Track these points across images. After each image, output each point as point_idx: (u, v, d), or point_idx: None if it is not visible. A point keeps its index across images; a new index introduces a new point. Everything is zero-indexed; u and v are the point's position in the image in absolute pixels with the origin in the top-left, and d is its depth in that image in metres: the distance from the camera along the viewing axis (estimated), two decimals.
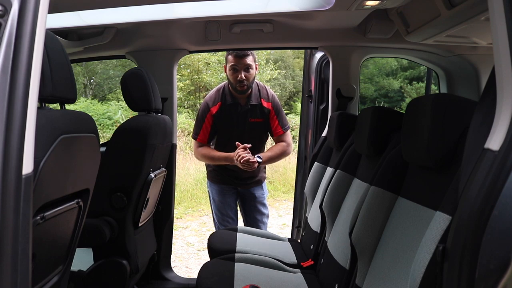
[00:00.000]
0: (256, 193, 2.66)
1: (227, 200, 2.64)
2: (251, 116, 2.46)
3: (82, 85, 11.19)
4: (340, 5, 1.83)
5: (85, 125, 1.17)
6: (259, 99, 2.49)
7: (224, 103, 2.45)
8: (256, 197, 2.66)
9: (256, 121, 2.46)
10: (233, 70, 2.36)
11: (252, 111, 2.46)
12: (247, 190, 2.65)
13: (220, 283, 1.62)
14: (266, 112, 2.49)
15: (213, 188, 2.67)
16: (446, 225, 0.85)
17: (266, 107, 2.49)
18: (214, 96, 2.49)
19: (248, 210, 2.72)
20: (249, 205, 2.70)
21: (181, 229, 4.90)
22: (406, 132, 1.15)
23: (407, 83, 10.53)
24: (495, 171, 0.63)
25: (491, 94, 0.71)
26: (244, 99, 2.44)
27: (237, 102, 2.44)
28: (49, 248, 1.11)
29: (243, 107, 2.44)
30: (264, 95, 2.51)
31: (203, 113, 2.49)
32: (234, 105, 2.43)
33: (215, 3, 1.98)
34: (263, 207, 2.71)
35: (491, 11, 0.69)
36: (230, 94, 2.45)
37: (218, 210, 2.67)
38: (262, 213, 2.71)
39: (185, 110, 9.82)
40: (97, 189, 1.34)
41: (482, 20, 1.48)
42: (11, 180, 0.61)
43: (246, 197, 2.68)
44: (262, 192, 2.69)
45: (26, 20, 0.64)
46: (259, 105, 2.48)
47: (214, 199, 2.67)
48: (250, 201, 2.68)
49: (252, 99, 2.46)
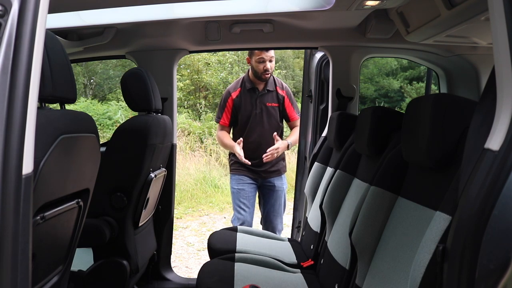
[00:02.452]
0: (276, 182, 2.79)
1: (244, 189, 2.75)
2: (268, 100, 2.74)
3: (82, 85, 11.18)
4: (340, 5, 1.83)
5: (85, 125, 1.17)
6: (275, 86, 2.77)
7: (244, 88, 2.72)
8: (275, 186, 2.80)
9: (272, 106, 2.74)
10: (260, 61, 2.64)
11: (269, 96, 2.75)
12: (267, 181, 2.78)
13: (220, 283, 1.62)
14: (281, 99, 2.78)
15: (233, 179, 2.80)
16: (446, 225, 0.85)
17: (281, 94, 2.79)
18: (235, 85, 2.78)
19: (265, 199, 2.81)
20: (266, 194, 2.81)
21: (181, 229, 4.90)
22: (406, 132, 1.15)
23: (407, 83, 10.53)
24: (495, 171, 0.63)
25: (491, 94, 0.71)
26: (262, 85, 2.72)
27: (255, 87, 2.71)
28: (49, 248, 1.11)
29: (260, 91, 2.72)
30: (279, 84, 2.81)
31: (225, 98, 2.75)
32: (252, 89, 2.72)
33: (215, 3, 1.98)
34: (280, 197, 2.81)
35: (491, 11, 0.69)
36: (249, 81, 2.73)
37: (235, 198, 2.77)
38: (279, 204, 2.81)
39: (185, 110, 9.81)
40: (97, 189, 1.33)
41: (482, 20, 1.47)
42: (11, 180, 0.61)
43: (264, 186, 2.80)
44: (282, 183, 2.82)
45: (26, 20, 0.64)
46: (275, 92, 2.77)
47: (233, 188, 2.78)
48: (267, 190, 2.80)
49: (268, 86, 2.74)
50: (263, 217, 2.83)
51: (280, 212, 2.81)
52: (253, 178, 2.76)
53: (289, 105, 2.81)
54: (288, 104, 2.80)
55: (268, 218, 2.78)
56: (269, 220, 2.78)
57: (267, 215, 2.79)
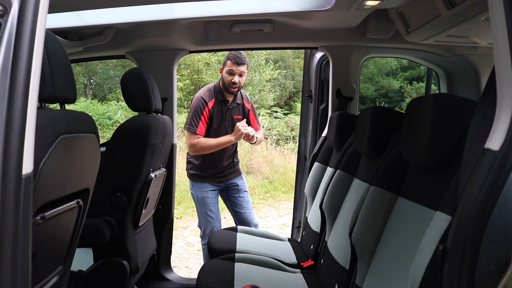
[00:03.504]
0: (238, 181, 2.86)
1: (208, 196, 2.78)
2: (235, 113, 2.79)
3: (82, 85, 11.18)
4: (340, 5, 1.83)
5: (85, 125, 1.17)
6: (242, 99, 2.84)
7: (217, 99, 2.72)
8: (238, 185, 2.86)
9: (238, 118, 2.79)
10: (229, 74, 2.63)
11: (236, 109, 2.80)
12: (229, 182, 2.83)
13: (220, 283, 1.62)
14: (246, 111, 2.87)
15: (196, 186, 2.81)
16: (446, 225, 0.85)
17: (246, 107, 2.87)
18: (208, 94, 2.74)
19: (233, 200, 2.85)
20: (232, 195, 2.85)
21: (181, 229, 4.89)
22: (406, 132, 1.15)
23: (407, 83, 10.53)
24: (495, 171, 0.63)
25: (491, 94, 0.71)
26: (231, 98, 2.76)
27: (226, 100, 2.73)
28: (49, 248, 1.11)
29: (230, 104, 2.74)
30: (245, 97, 2.88)
31: (202, 107, 2.69)
32: (224, 101, 2.73)
33: (215, 3, 1.98)
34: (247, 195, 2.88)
35: (491, 11, 0.69)
36: (221, 92, 2.72)
37: (200, 206, 2.79)
38: (247, 200, 2.86)
39: (185, 110, 9.80)
40: (97, 189, 1.33)
41: (482, 20, 1.47)
42: (11, 180, 0.61)
43: (229, 188, 2.85)
44: (243, 182, 2.90)
45: (26, 20, 0.64)
46: (242, 105, 2.84)
47: (196, 196, 2.80)
48: (233, 191, 2.85)
49: (237, 99, 2.79)
50: (236, 217, 2.86)
51: (250, 208, 2.88)
52: (215, 183, 2.79)
53: (253, 117, 2.90)
54: (252, 117, 2.89)
55: (241, 217, 2.82)
56: (243, 218, 2.82)
57: (240, 215, 2.84)
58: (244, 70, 2.65)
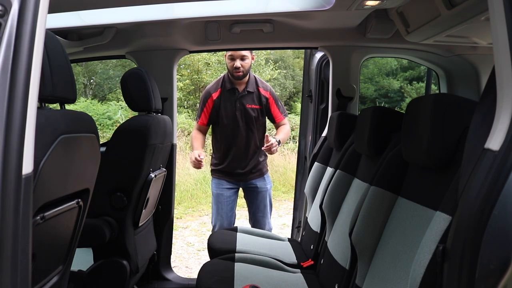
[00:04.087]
0: (258, 183, 2.74)
1: (223, 194, 2.72)
2: (248, 102, 2.66)
3: (82, 85, 11.18)
4: (340, 5, 1.83)
5: (85, 125, 1.17)
6: (257, 87, 2.70)
7: (224, 89, 2.66)
8: (257, 187, 2.75)
9: (253, 107, 2.67)
10: (230, 59, 2.61)
11: (249, 98, 2.67)
12: (249, 183, 2.74)
13: (220, 283, 1.62)
14: (264, 100, 2.70)
15: (213, 183, 2.78)
16: (446, 225, 0.85)
17: (264, 95, 2.70)
18: (215, 85, 2.71)
19: (249, 201, 2.79)
20: (250, 196, 2.78)
21: (181, 229, 4.90)
22: (406, 132, 1.15)
23: (407, 83, 10.53)
24: (495, 171, 0.63)
25: (491, 94, 0.71)
26: (242, 86, 2.66)
27: (235, 88, 2.65)
28: (49, 248, 1.11)
29: (240, 93, 2.65)
30: (262, 85, 2.73)
31: (205, 99, 2.69)
32: (232, 90, 2.65)
33: (215, 3, 1.98)
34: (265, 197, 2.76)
35: (491, 11, 0.69)
36: (229, 81, 2.67)
37: (214, 201, 2.76)
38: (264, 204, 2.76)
39: (185, 110, 9.81)
40: (97, 189, 1.33)
41: (482, 20, 1.47)
42: (11, 180, 0.61)
43: (247, 189, 2.77)
44: (264, 183, 2.76)
45: (26, 20, 0.64)
46: (256, 93, 2.69)
47: (213, 192, 2.77)
48: (251, 193, 2.76)
49: (249, 87, 2.67)
50: (251, 218, 2.83)
51: (266, 212, 2.79)
52: (234, 182, 2.73)
53: (274, 106, 2.72)
54: (273, 105, 2.72)
55: (255, 219, 2.78)
56: (257, 220, 2.78)
57: (254, 216, 2.79)
58: (246, 54, 2.59)
